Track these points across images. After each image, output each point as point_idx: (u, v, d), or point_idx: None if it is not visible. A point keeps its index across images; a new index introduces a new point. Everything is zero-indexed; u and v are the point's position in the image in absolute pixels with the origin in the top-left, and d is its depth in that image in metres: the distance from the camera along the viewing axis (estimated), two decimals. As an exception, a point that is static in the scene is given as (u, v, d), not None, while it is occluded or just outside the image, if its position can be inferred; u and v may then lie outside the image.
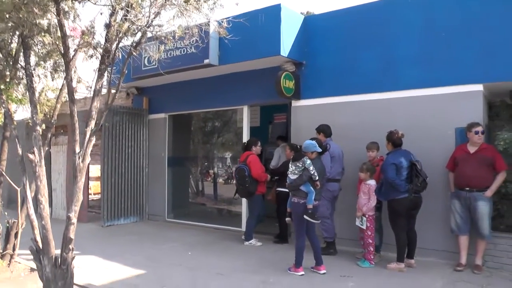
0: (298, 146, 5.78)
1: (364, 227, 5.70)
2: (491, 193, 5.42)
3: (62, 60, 4.40)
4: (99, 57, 4.19)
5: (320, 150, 5.42)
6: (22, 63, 4.64)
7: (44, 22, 4.20)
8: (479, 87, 5.89)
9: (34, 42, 4.60)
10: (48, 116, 5.47)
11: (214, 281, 5.03)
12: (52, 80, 5.54)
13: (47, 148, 5.38)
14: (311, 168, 5.21)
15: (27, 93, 4.49)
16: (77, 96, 10.31)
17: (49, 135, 5.50)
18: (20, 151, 4.58)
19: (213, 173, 10.06)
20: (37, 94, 4.83)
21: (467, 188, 5.52)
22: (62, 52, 4.02)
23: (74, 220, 3.91)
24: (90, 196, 11.45)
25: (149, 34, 4.20)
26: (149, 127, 9.73)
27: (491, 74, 5.81)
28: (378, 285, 4.93)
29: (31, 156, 4.01)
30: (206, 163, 10.28)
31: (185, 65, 7.57)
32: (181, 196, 9.94)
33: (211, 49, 7.30)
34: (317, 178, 5.24)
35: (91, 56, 4.25)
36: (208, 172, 10.16)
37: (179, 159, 9.92)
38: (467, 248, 5.62)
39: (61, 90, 5.32)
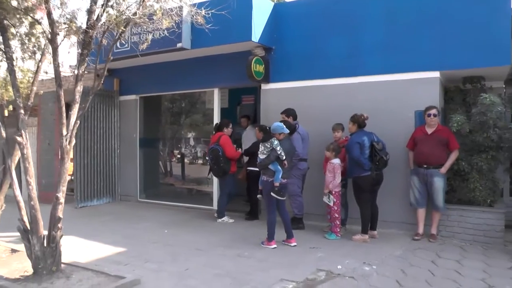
0: (268, 128, 6.10)
1: (331, 203, 6.13)
2: (446, 169, 5.97)
3: (43, 42, 4.52)
4: (83, 42, 4.32)
5: (287, 131, 5.76)
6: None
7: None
8: (436, 74, 6.39)
9: (12, 24, 4.64)
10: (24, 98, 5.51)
11: (194, 256, 5.33)
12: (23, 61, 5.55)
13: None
14: (278, 148, 5.55)
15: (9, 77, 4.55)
16: (46, 77, 10.23)
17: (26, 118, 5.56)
18: (3, 134, 4.68)
19: (181, 153, 10.22)
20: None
21: (425, 166, 6.05)
22: (49, 38, 4.13)
23: (62, 200, 4.12)
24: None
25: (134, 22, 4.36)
26: (120, 108, 9.78)
27: (447, 63, 6.33)
28: (344, 254, 5.35)
29: (19, 138, 4.15)
30: (175, 144, 10.43)
31: (158, 48, 7.63)
32: (152, 177, 10.10)
33: (184, 33, 7.45)
34: (284, 157, 5.58)
35: (76, 43, 4.38)
36: (172, 153, 10.30)
37: (150, 140, 10.06)
38: (424, 220, 6.20)
39: (36, 72, 5.35)
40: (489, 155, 6.25)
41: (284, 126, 5.72)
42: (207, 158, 7.61)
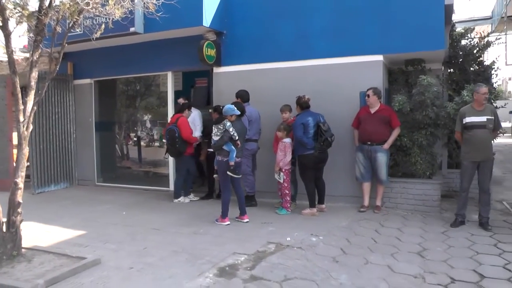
0: (221, 107, 6.34)
1: (281, 180, 6.48)
2: (388, 145, 6.43)
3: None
4: (36, 29, 4.36)
5: (238, 113, 6.02)
6: None
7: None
8: (379, 57, 6.84)
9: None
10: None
11: (151, 235, 5.55)
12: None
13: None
14: (231, 129, 5.82)
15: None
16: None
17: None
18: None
19: (137, 136, 10.25)
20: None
21: (369, 142, 6.49)
22: (1, 25, 4.16)
23: (21, 185, 4.22)
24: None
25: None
26: (75, 92, 9.70)
27: (389, 47, 6.80)
28: (293, 228, 5.73)
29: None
30: (131, 127, 10.46)
31: (111, 33, 7.61)
32: (109, 160, 10.15)
33: (137, 18, 7.49)
34: (237, 138, 5.86)
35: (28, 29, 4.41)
36: (129, 136, 10.34)
37: (106, 124, 10.06)
38: (369, 193, 6.68)
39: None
40: (428, 131, 6.74)
41: (235, 108, 5.98)
42: (163, 140, 7.72)
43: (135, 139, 10.22)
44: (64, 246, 5.10)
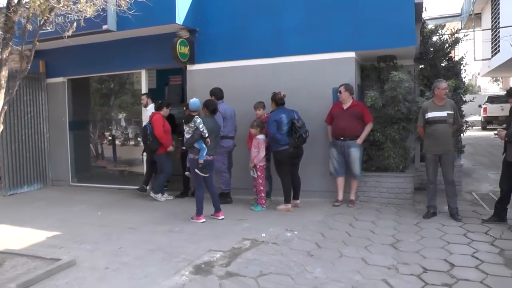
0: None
1: (256, 176, 6.53)
2: (361, 140, 6.53)
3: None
4: (5, 26, 4.28)
5: (199, 107, 6.08)
6: None
7: None
8: (352, 54, 6.95)
9: None
10: None
11: (127, 234, 5.53)
12: None
13: None
14: (200, 126, 5.84)
15: None
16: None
17: None
18: None
19: (112, 135, 10.14)
20: None
21: (342, 138, 6.57)
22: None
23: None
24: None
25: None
26: (47, 91, 9.53)
27: (361, 43, 6.91)
28: (268, 223, 5.79)
29: None
30: (105, 126, 10.35)
31: (84, 30, 7.49)
32: (84, 160, 10.02)
33: (109, 15, 7.39)
34: (206, 135, 5.88)
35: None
36: (104, 135, 10.22)
37: (80, 123, 9.92)
38: (343, 187, 6.78)
39: None
40: (400, 126, 6.88)
41: (199, 102, 6.05)
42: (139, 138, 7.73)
43: (109, 138, 10.11)
44: (38, 248, 5.04)
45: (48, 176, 9.58)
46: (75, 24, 5.15)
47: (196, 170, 5.94)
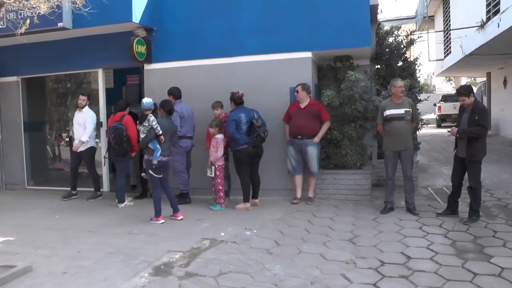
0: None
1: (213, 175, 6.54)
2: (318, 139, 6.65)
3: None
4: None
5: (152, 106, 6.02)
6: None
7: None
8: (308, 54, 7.07)
9: None
10: None
11: (86, 238, 5.41)
12: None
13: None
14: (154, 124, 5.80)
15: None
16: None
17: None
18: None
19: (69, 136, 9.69)
20: None
21: (299, 136, 6.67)
22: None
23: None
24: None
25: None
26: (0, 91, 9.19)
27: (318, 44, 7.04)
28: (228, 223, 5.82)
29: None
30: (62, 127, 10.03)
31: (38, 28, 7.26)
32: (40, 162, 9.70)
33: (65, 13, 7.19)
34: (160, 133, 5.84)
35: None
36: (61, 136, 9.92)
37: (36, 124, 9.60)
38: (301, 185, 6.88)
39: None
40: (357, 124, 7.06)
41: (151, 102, 6.01)
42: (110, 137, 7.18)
43: (67, 139, 9.84)
44: (-10, 256, 4.85)
45: (2, 179, 9.24)
46: (28, 21, 4.99)
47: (150, 171, 5.90)
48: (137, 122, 6.04)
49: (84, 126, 7.63)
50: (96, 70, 8.47)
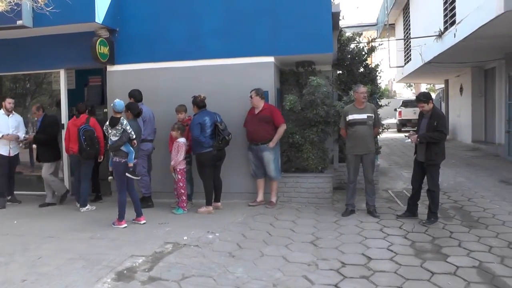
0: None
1: (176, 179, 6.54)
2: (273, 144, 6.68)
3: None
4: None
5: (122, 109, 5.94)
6: None
7: None
8: (270, 59, 7.18)
9: None
10: None
11: (46, 243, 5.29)
12: None
13: None
14: (128, 128, 5.78)
15: None
16: None
17: None
18: None
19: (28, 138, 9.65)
20: None
21: (254, 142, 6.74)
22: None
23: None
24: None
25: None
26: (-48, 90, 8.84)
27: (280, 49, 7.16)
28: (190, 226, 5.83)
29: None
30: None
31: (-5, 24, 7.08)
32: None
33: (24, 10, 6.96)
34: (134, 136, 5.83)
35: None
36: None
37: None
38: (263, 188, 6.97)
39: None
40: (319, 128, 7.20)
41: (123, 104, 5.93)
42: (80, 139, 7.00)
43: (25, 141, 9.55)
44: None
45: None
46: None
47: (128, 174, 5.87)
48: (106, 124, 5.93)
49: (18, 128, 7.47)
50: (58, 70, 8.29)
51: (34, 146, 9.29)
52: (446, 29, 11.18)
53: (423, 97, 5.83)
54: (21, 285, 4.07)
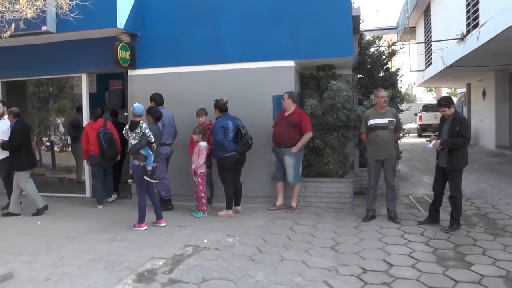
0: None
1: (196, 182, 6.57)
2: (296, 150, 6.64)
3: None
4: None
5: (142, 112, 6.02)
6: None
7: None
8: (291, 63, 7.15)
9: None
10: None
11: (68, 244, 5.36)
12: None
13: None
14: (147, 131, 5.82)
15: None
16: None
17: None
18: None
19: (50, 141, 9.78)
20: None
21: (278, 144, 6.72)
22: None
23: None
24: None
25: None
26: (-21, 94, 9.02)
27: (300, 53, 7.13)
28: (210, 230, 5.83)
29: None
30: (43, 132, 9.93)
31: (21, 31, 7.17)
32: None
33: (49, 17, 7.15)
34: (153, 140, 5.87)
35: None
36: (41, 141, 9.81)
37: (17, 128, 9.46)
38: (282, 192, 6.93)
39: None
40: (339, 133, 7.15)
41: (142, 108, 6.01)
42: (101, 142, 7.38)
43: (47, 144, 9.74)
44: (-31, 262, 4.77)
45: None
46: (13, 25, 4.95)
47: (146, 178, 5.91)
48: (126, 128, 6.01)
49: (7, 133, 7.16)
50: (79, 74, 8.42)
51: (56, 149, 9.54)
52: (468, 31, 11.02)
53: (444, 102, 5.75)
54: (45, 284, 4.14)
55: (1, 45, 7.93)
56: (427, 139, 6.09)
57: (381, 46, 9.32)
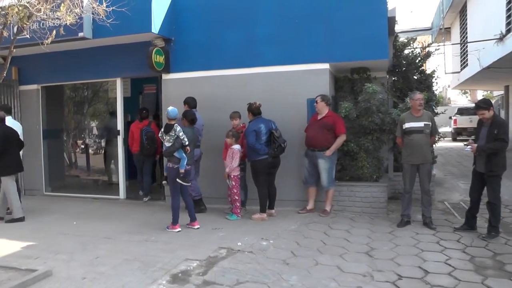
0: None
1: (230, 185, 6.58)
2: (330, 153, 6.58)
3: None
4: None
5: (176, 116, 6.06)
6: None
7: None
8: (325, 66, 7.08)
9: None
10: None
11: (103, 244, 5.47)
12: None
13: None
14: (181, 134, 5.87)
15: None
16: None
17: None
18: None
19: (85, 144, 10.04)
20: None
21: (311, 148, 6.66)
22: None
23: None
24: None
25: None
26: (20, 99, 9.32)
27: (335, 56, 7.06)
28: (244, 232, 5.83)
29: None
30: (79, 134, 10.23)
31: (59, 37, 7.41)
32: (58, 169, 9.85)
33: (86, 23, 7.36)
34: (187, 143, 5.92)
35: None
36: (76, 143, 10.10)
37: (55, 131, 9.76)
38: (314, 197, 6.90)
39: None
40: (374, 136, 7.03)
41: (176, 111, 6.06)
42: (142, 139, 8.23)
43: (82, 146, 9.99)
44: (12, 259, 4.93)
45: (21, 185, 9.29)
46: (54, 32, 5.11)
47: (178, 180, 5.96)
48: (161, 131, 6.10)
49: None
50: (114, 79, 8.61)
51: (90, 151, 9.79)
52: (508, 31, 10.66)
53: (483, 104, 5.55)
54: (81, 282, 4.23)
55: (40, 51, 8.25)
56: (465, 143, 5.90)
57: (416, 48, 9.13)
